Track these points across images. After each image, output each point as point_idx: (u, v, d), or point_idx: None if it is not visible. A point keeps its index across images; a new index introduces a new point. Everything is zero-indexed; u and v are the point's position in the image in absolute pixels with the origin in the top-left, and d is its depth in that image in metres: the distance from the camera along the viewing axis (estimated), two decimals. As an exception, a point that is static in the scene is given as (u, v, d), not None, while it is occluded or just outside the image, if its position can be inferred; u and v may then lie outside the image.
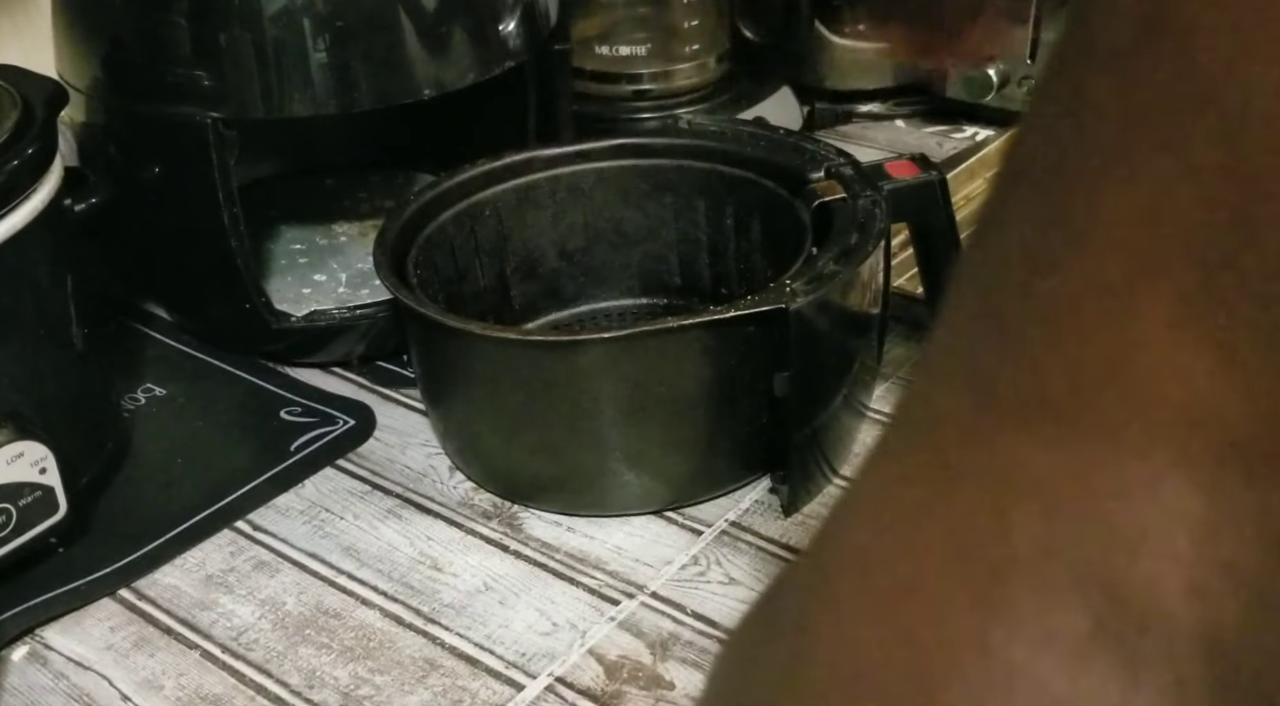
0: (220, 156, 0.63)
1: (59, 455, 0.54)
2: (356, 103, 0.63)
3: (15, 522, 0.53)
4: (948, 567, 0.17)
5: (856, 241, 0.56)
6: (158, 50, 0.63)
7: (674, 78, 0.86)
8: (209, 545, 0.58)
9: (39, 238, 0.55)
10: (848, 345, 0.58)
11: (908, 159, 0.63)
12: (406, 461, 0.63)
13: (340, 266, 0.75)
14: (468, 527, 0.59)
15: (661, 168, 0.67)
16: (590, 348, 0.54)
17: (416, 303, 0.57)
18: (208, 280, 0.69)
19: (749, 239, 0.66)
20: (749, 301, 0.53)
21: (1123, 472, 0.16)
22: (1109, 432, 0.16)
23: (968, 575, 0.17)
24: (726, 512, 0.58)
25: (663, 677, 0.50)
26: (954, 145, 0.90)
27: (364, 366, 0.71)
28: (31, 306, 0.55)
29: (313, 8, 0.61)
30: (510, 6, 0.68)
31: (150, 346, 0.74)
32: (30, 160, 0.54)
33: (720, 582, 0.54)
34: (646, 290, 0.71)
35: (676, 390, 0.55)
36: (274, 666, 0.52)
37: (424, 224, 0.63)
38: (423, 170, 0.83)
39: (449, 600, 0.55)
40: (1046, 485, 0.16)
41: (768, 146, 0.66)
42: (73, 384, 0.59)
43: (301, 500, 0.61)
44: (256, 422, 0.66)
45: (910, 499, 0.18)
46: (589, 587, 0.55)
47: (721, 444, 0.57)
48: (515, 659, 0.51)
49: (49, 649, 0.53)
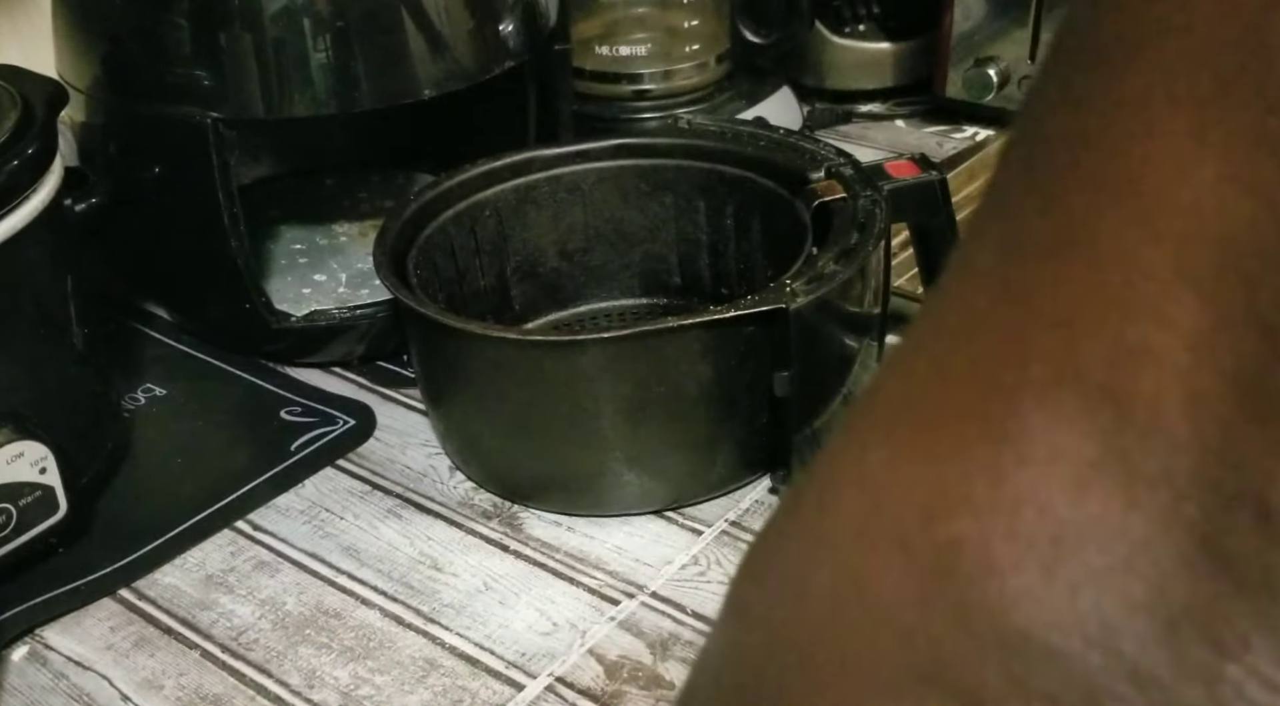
0: (220, 156, 0.63)
1: (59, 455, 0.54)
2: (357, 103, 0.63)
3: (15, 522, 0.53)
4: (968, 400, 0.17)
5: (856, 241, 0.56)
6: (158, 50, 0.63)
7: (674, 78, 0.86)
8: (209, 545, 0.58)
9: (39, 238, 0.55)
10: (848, 345, 0.58)
11: (908, 159, 0.63)
12: (406, 461, 0.63)
13: (340, 266, 0.75)
14: (468, 527, 0.59)
15: (661, 168, 0.67)
16: (590, 348, 0.54)
17: (416, 303, 0.57)
18: (208, 280, 0.69)
19: (749, 239, 0.66)
20: (749, 301, 0.53)
21: (1132, 287, 0.16)
22: (1124, 250, 0.16)
23: (985, 405, 0.17)
24: (726, 512, 0.58)
25: (663, 677, 0.50)
26: (954, 145, 0.90)
27: (364, 366, 0.71)
28: (31, 306, 0.55)
29: (313, 8, 0.61)
30: (510, 6, 0.68)
31: (150, 346, 0.74)
32: (30, 160, 0.54)
33: (720, 582, 0.54)
34: (646, 290, 0.71)
35: (676, 390, 0.55)
36: (274, 666, 0.52)
37: (424, 224, 0.63)
38: (423, 170, 0.83)
39: (449, 600, 0.55)
40: (1065, 310, 0.17)
41: (768, 146, 0.66)
42: (73, 384, 0.59)
43: (301, 500, 0.61)
44: (256, 422, 0.66)
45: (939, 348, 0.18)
46: (589, 587, 0.55)
47: (721, 444, 0.57)
48: (515, 659, 0.51)
49: (49, 649, 0.53)
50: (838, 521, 0.19)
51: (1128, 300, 0.16)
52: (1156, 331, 0.16)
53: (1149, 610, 0.16)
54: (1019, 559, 0.16)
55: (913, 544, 0.17)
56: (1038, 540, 0.16)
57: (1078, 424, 0.16)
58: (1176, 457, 0.16)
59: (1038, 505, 0.16)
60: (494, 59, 0.67)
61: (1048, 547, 0.16)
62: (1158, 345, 0.16)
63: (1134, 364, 0.16)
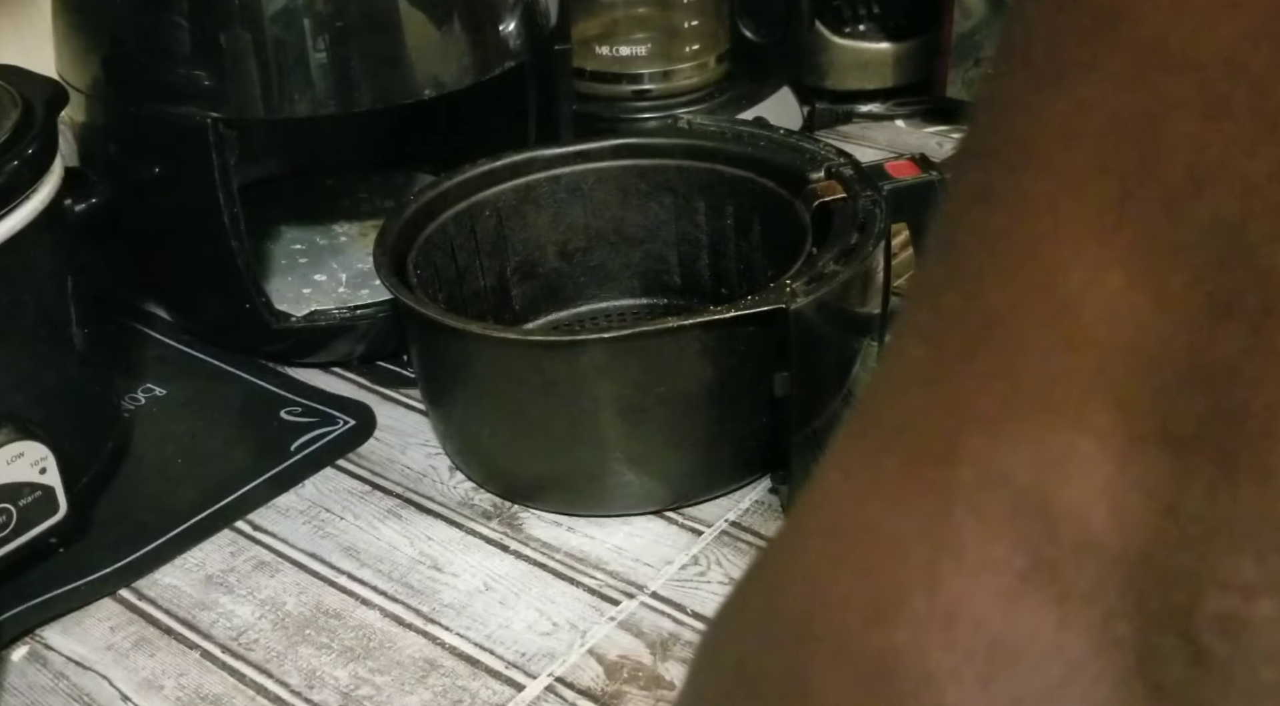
0: (220, 156, 0.63)
1: (59, 455, 0.54)
2: (356, 103, 0.63)
3: (15, 522, 0.53)
4: (903, 501, 0.17)
5: (856, 241, 0.56)
6: (158, 50, 0.63)
7: (674, 78, 0.86)
8: (209, 545, 0.58)
9: (39, 238, 0.55)
10: (848, 345, 0.58)
11: (908, 159, 0.63)
12: (406, 461, 0.63)
13: (340, 266, 0.75)
14: (468, 527, 0.59)
15: (661, 168, 0.67)
16: (590, 348, 0.54)
17: (416, 303, 0.57)
18: (208, 280, 0.69)
19: (749, 239, 0.66)
20: (749, 301, 0.53)
21: (1051, 394, 0.16)
22: (1041, 354, 0.16)
23: (920, 507, 0.17)
24: (726, 513, 0.58)
25: (663, 677, 0.50)
26: (954, 145, 0.90)
27: (364, 366, 0.71)
28: (31, 306, 0.55)
29: (313, 8, 0.61)
30: (510, 6, 0.68)
31: (150, 346, 0.74)
32: (30, 160, 0.54)
33: (720, 583, 0.54)
34: (647, 290, 0.71)
35: (676, 390, 0.55)
36: (274, 666, 0.52)
37: (424, 224, 0.63)
38: (423, 170, 0.83)
39: (449, 600, 0.55)
40: (990, 412, 0.17)
41: (768, 146, 0.66)
42: (73, 384, 0.59)
43: (301, 500, 0.61)
44: (256, 422, 0.66)
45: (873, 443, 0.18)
46: (589, 587, 0.55)
47: (721, 444, 0.57)
48: (515, 659, 0.51)
49: (49, 649, 0.53)
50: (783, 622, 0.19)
51: (1048, 404, 0.16)
52: (1079, 438, 0.16)
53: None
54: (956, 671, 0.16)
55: (854, 649, 0.17)
56: (974, 653, 0.16)
57: (1006, 532, 0.16)
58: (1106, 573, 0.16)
59: (972, 617, 0.16)
60: (494, 59, 0.67)
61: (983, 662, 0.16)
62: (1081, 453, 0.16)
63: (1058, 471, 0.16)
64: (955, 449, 0.17)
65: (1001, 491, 0.16)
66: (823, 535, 0.19)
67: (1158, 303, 0.15)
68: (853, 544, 0.18)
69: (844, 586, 0.18)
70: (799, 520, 0.20)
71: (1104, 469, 0.16)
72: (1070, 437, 0.16)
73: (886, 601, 0.17)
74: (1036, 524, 0.16)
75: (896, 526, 0.17)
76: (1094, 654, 0.16)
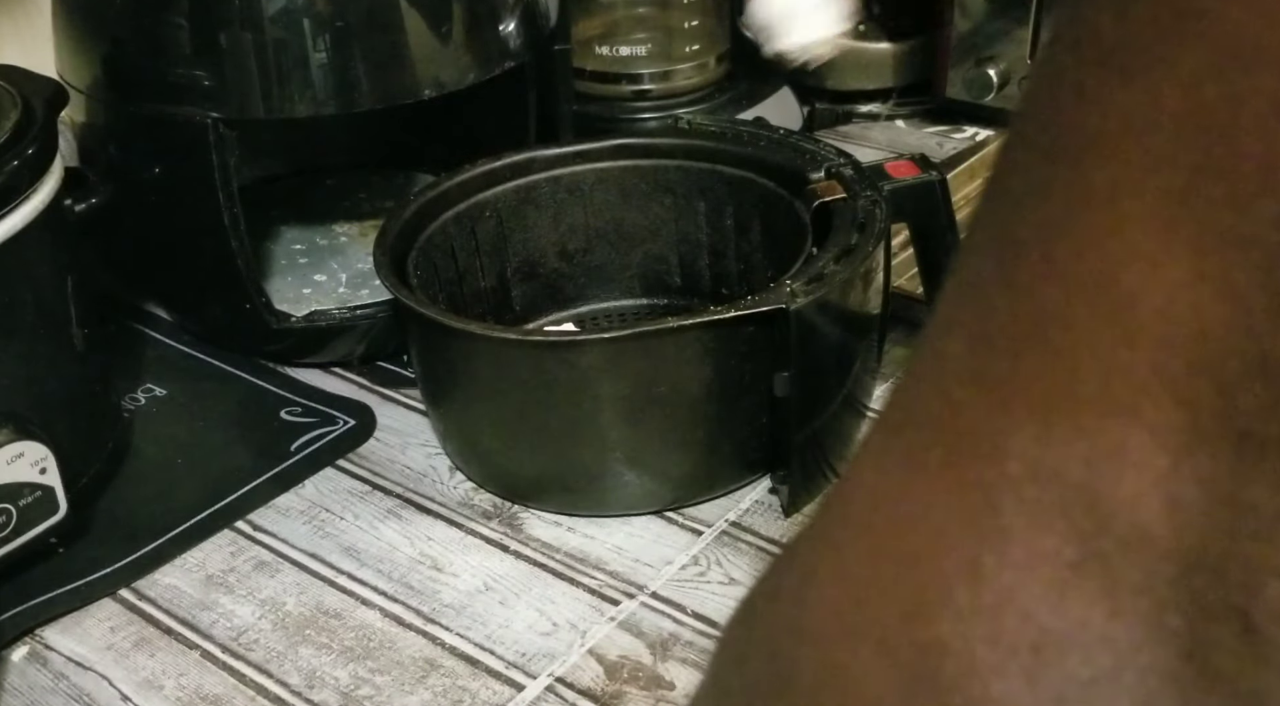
0: (220, 156, 0.63)
1: (59, 455, 0.54)
2: (356, 103, 0.63)
3: (15, 522, 0.53)
4: (946, 496, 0.17)
5: (856, 241, 0.56)
6: (158, 50, 0.63)
7: (674, 78, 0.86)
8: (209, 545, 0.58)
9: (39, 238, 0.55)
10: (848, 345, 0.58)
11: (908, 159, 0.63)
12: (406, 461, 0.63)
13: (340, 266, 0.75)
14: (468, 528, 0.59)
15: (661, 168, 0.67)
16: (590, 348, 0.54)
17: (416, 303, 0.57)
18: (208, 280, 0.69)
19: (749, 239, 0.66)
20: (749, 301, 0.53)
21: (1108, 388, 0.16)
22: (1098, 349, 0.16)
23: (964, 501, 0.17)
24: (727, 513, 0.58)
25: (663, 677, 0.50)
26: (954, 145, 0.90)
27: (364, 366, 0.71)
28: (31, 306, 0.55)
29: (313, 8, 0.61)
30: (510, 6, 0.68)
31: (150, 346, 0.74)
32: (30, 160, 0.54)
33: (720, 583, 0.54)
34: (647, 290, 0.71)
35: (676, 390, 0.55)
36: (274, 666, 0.52)
37: (424, 224, 0.63)
38: (423, 170, 0.83)
39: (449, 600, 0.55)
40: (1040, 407, 0.16)
41: (768, 146, 0.66)
42: (73, 384, 0.59)
43: (301, 500, 0.61)
44: (256, 422, 0.66)
45: (912, 439, 0.18)
46: (589, 588, 0.55)
47: (722, 444, 0.57)
48: (515, 659, 0.51)
49: (49, 649, 0.53)
50: (819, 615, 0.18)
51: (1103, 399, 0.16)
52: (1134, 432, 0.16)
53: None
54: (1001, 664, 0.16)
55: (895, 644, 0.17)
56: (1020, 646, 0.16)
57: (1056, 525, 0.16)
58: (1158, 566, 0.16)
59: (1019, 609, 0.16)
60: (494, 59, 0.67)
61: (1030, 654, 0.16)
62: (1135, 447, 0.16)
63: (1112, 465, 0.16)
64: (1003, 444, 0.17)
65: (1052, 485, 0.16)
66: (858, 529, 0.18)
67: (1222, 296, 0.15)
68: (892, 538, 0.18)
69: (883, 580, 0.18)
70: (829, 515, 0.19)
71: (1158, 462, 0.15)
72: (1124, 432, 0.16)
73: (929, 594, 0.17)
74: (1088, 517, 0.16)
75: (939, 520, 0.17)
76: (1145, 644, 0.16)
